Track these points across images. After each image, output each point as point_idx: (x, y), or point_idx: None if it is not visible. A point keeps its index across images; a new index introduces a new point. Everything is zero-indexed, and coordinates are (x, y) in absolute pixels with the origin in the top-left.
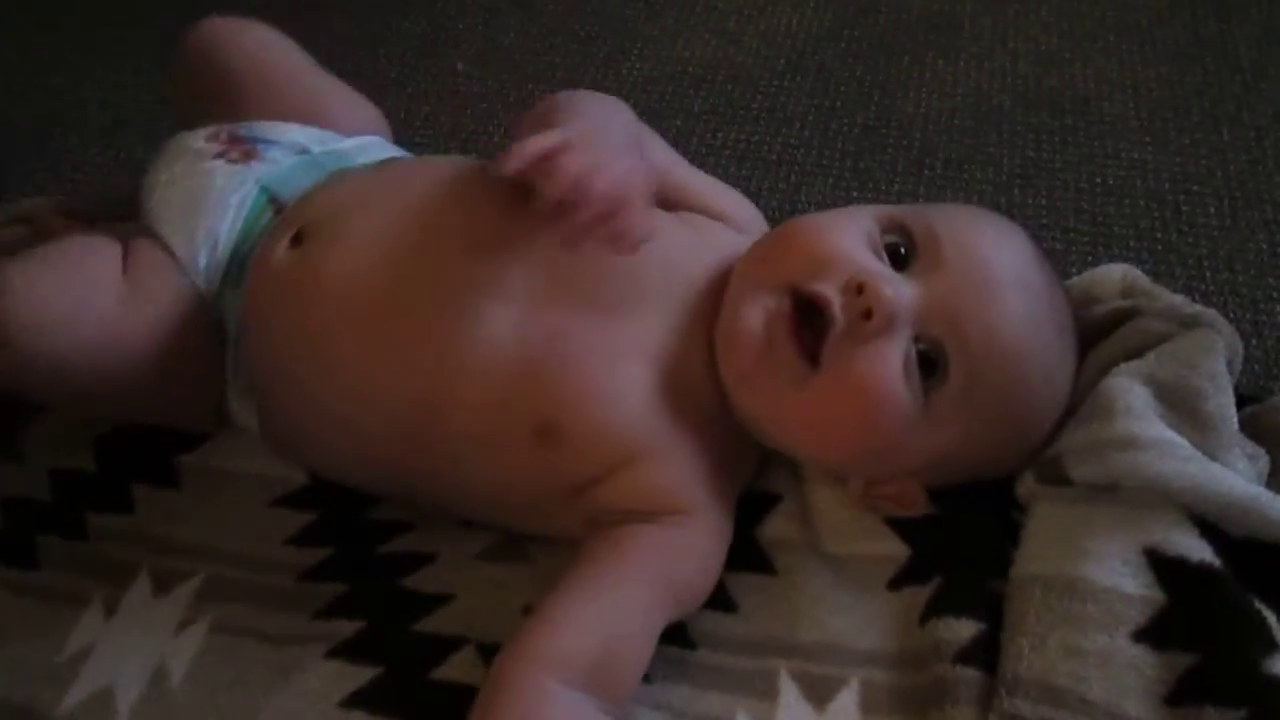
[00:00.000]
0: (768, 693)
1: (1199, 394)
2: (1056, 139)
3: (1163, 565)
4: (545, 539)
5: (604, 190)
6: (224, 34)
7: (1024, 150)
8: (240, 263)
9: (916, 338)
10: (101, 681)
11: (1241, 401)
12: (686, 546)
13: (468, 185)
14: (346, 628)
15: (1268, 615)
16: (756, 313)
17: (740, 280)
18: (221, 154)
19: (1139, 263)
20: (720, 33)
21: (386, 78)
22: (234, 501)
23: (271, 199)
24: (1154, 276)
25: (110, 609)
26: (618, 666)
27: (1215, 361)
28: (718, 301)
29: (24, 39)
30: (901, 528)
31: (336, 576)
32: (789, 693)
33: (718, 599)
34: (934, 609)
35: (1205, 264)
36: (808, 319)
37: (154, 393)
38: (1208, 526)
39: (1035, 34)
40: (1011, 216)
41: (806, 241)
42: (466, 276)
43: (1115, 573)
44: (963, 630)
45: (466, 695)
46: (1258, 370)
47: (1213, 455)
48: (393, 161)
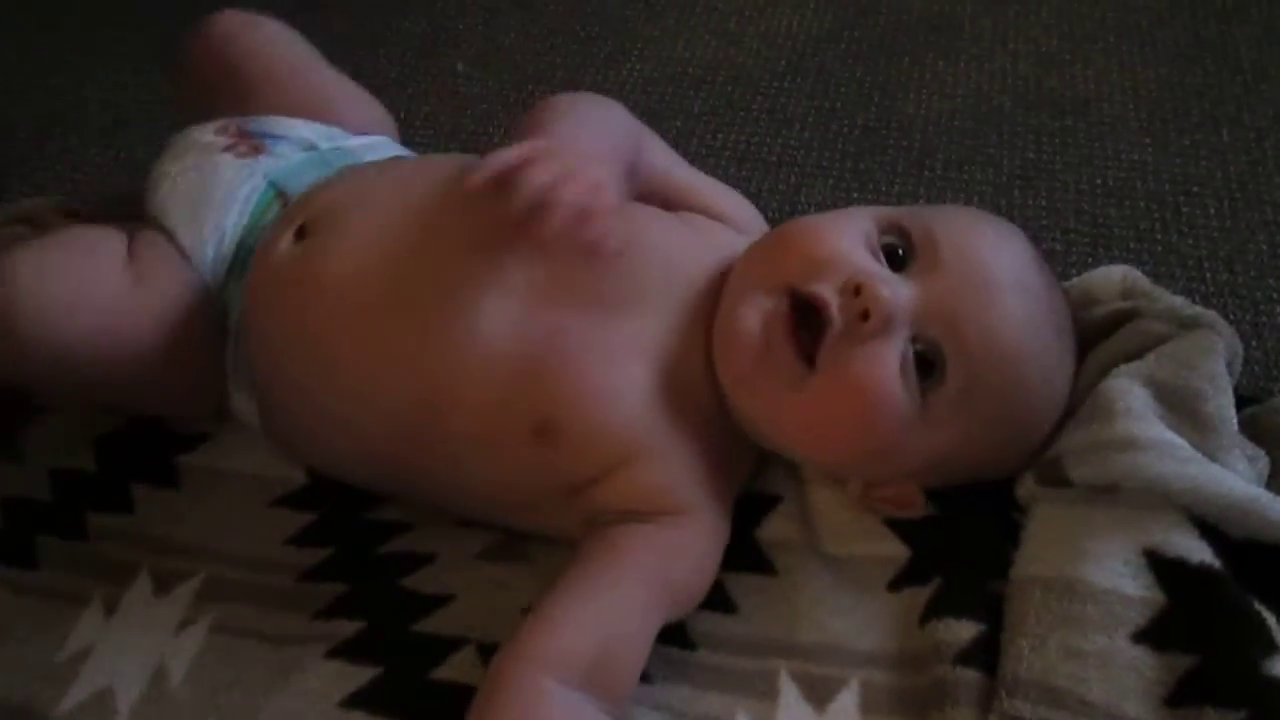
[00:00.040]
0: (768, 693)
1: (1199, 395)
2: (1056, 140)
3: (1163, 566)
4: (545, 539)
5: (571, 199)
6: (236, 28)
7: (1024, 151)
8: (245, 256)
9: (914, 339)
10: (101, 681)
11: (1241, 403)
12: (683, 546)
13: None
14: (346, 628)
15: (1268, 616)
16: (754, 314)
17: (738, 281)
18: (230, 148)
19: (1139, 264)
20: (720, 34)
21: (386, 78)
22: (234, 501)
23: (279, 193)
24: (1154, 278)
25: (110, 609)
26: (616, 666)
27: (1215, 363)
28: (717, 302)
29: (24, 39)
30: (901, 529)
31: (336, 576)
32: (789, 693)
33: (717, 600)
34: (934, 610)
35: (1205, 265)
36: (805, 320)
37: (156, 383)
38: (1208, 528)
39: (1035, 35)
40: (1011, 218)
41: (804, 242)
42: (466, 275)
43: (1115, 574)
44: (963, 631)
45: (466, 695)
46: (1258, 371)
47: (1212, 456)
48: (396, 160)
